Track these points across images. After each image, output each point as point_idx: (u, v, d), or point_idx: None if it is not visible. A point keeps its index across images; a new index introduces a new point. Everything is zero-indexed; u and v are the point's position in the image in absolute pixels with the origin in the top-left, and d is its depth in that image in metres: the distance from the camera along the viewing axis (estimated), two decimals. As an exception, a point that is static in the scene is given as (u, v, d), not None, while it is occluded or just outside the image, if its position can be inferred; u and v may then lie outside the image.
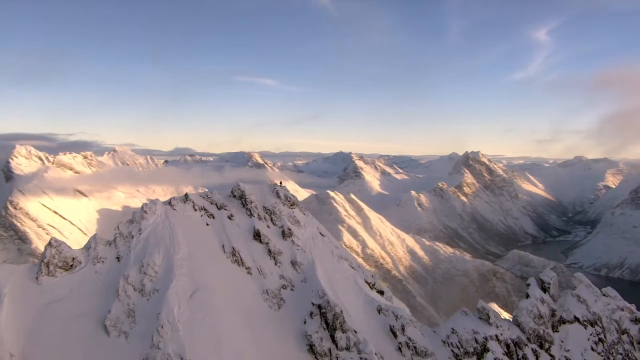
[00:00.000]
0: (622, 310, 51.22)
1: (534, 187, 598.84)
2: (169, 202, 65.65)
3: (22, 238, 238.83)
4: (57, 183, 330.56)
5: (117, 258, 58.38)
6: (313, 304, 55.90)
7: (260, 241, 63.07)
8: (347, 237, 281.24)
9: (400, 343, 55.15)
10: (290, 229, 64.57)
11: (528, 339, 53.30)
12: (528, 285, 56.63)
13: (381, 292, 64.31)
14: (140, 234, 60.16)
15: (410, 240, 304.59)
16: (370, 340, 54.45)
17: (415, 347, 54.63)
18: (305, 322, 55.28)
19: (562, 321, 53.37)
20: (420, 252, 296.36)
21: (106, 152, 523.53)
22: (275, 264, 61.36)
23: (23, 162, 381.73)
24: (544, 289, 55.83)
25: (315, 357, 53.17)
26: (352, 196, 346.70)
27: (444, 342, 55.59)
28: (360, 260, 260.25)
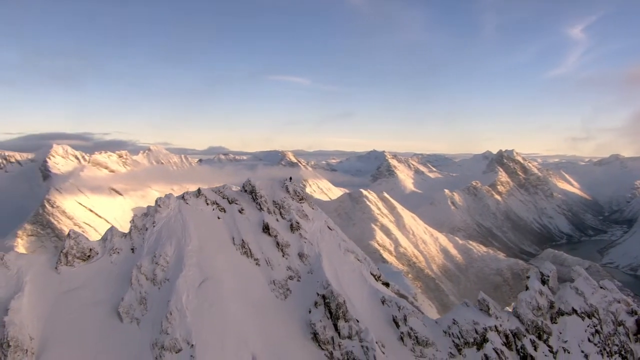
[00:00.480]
0: (619, 302, 51.55)
1: (569, 186, 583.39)
2: (182, 197, 68.12)
3: (58, 236, 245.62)
4: (93, 182, 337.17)
5: (132, 249, 61.06)
6: (318, 294, 57.59)
7: (269, 234, 65.04)
8: (380, 235, 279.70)
9: (402, 333, 56.46)
10: (298, 222, 66.35)
11: (527, 330, 54.04)
12: (528, 277, 57.35)
13: (387, 284, 65.67)
14: (154, 226, 62.72)
15: (443, 239, 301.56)
16: (373, 330, 55.90)
17: (416, 337, 55.86)
18: (310, 312, 57.02)
19: (561, 313, 53.92)
20: (454, 251, 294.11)
21: (141, 151, 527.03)
22: (283, 256, 63.23)
23: (60, 161, 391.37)
24: (544, 282, 56.47)
25: (319, 345, 54.88)
26: (385, 195, 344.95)
27: (445, 333, 56.67)
28: (393, 259, 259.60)
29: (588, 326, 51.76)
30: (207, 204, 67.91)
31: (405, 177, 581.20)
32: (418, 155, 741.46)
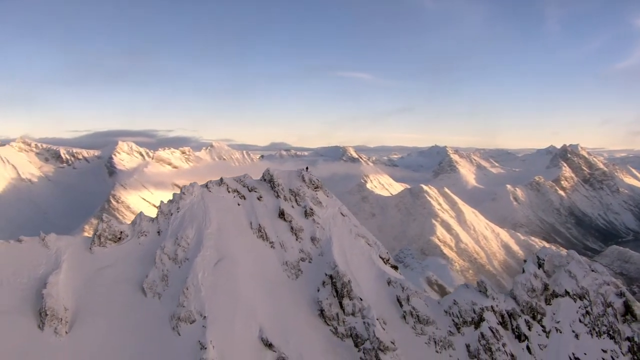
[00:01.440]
0: (608, 284, 52.77)
1: (636, 181, 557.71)
2: (206, 185, 72.82)
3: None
4: (157, 177, 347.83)
5: (158, 232, 66.12)
6: (326, 275, 61.06)
7: (285, 219, 68.91)
8: (440, 231, 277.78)
9: (405, 312, 59.30)
10: (312, 209, 69.88)
11: (522, 310, 55.91)
12: (525, 261, 59.22)
13: (395, 267, 68.53)
14: (178, 211, 67.63)
15: (504, 235, 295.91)
16: (378, 308, 58.99)
17: (418, 316, 58.60)
18: (318, 290, 60.57)
19: (555, 295, 55.53)
20: (515, 247, 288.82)
21: (204, 148, 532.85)
22: (296, 240, 66.97)
23: (125, 157, 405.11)
24: (540, 265, 58.24)
25: (325, 320, 58.47)
26: (446, 190, 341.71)
27: (446, 312, 59.14)
28: (453, 255, 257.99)
29: (579, 307, 53.27)
30: (229, 191, 72.37)
31: (467, 172, 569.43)
32: (480, 150, 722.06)
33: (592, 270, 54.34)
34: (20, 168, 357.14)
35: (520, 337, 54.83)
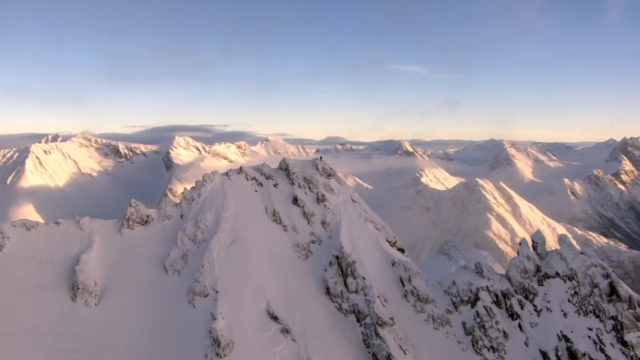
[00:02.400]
0: (596, 266, 54.14)
1: None
2: (227, 174, 77.25)
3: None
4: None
5: (181, 216, 70.94)
6: (333, 255, 64.56)
7: (298, 205, 72.59)
8: (495, 225, 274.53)
9: (406, 291, 62.18)
10: (323, 195, 73.30)
11: (515, 290, 57.91)
12: (520, 244, 61.22)
13: (402, 250, 71.37)
14: (199, 197, 72.27)
15: (561, 229, 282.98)
16: (381, 287, 62.12)
17: (418, 295, 61.42)
18: (325, 270, 64.19)
19: (547, 276, 57.29)
20: (572, 242, 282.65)
21: (259, 142, 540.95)
22: (308, 223, 70.59)
23: (182, 152, 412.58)
24: (534, 248, 60.18)
25: (330, 298, 62.02)
26: (502, 184, 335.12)
27: (445, 292, 61.71)
28: (509, 250, 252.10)
29: (569, 288, 54.95)
30: (247, 179, 76.56)
31: (524, 166, 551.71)
32: (538, 143, 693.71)
33: (582, 253, 56.01)
34: (80, 163, 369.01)
35: (513, 315, 57.02)
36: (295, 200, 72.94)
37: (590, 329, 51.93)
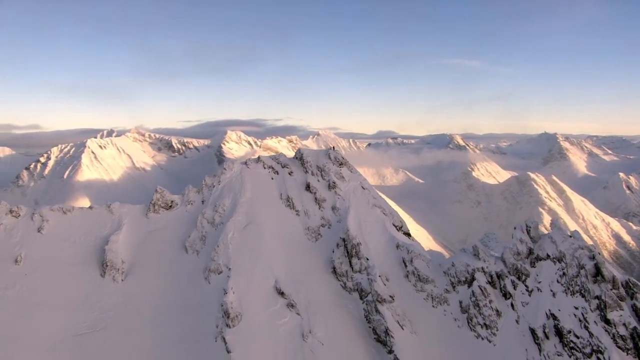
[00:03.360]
0: (582, 249, 55.67)
1: None
2: (245, 162, 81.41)
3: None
4: None
5: (202, 201, 75.49)
6: (340, 238, 67.96)
7: (310, 191, 76.04)
8: (547, 219, 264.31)
9: (408, 271, 64.97)
10: (335, 182, 76.55)
11: (509, 272, 59.94)
12: (515, 228, 63.19)
13: (408, 234, 74.06)
14: (219, 184, 76.64)
15: (615, 225, 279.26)
16: (385, 268, 65.01)
17: (419, 275, 64.15)
18: (333, 252, 67.65)
19: (538, 258, 59.10)
20: (627, 237, 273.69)
21: (310, 136, 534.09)
22: (319, 208, 74.03)
23: (234, 146, 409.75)
24: (528, 232, 62.04)
25: (336, 277, 65.40)
26: (554, 178, 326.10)
27: (444, 273, 64.16)
28: None
29: (558, 269, 56.69)
30: (264, 168, 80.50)
31: (578, 160, 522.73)
32: (593, 137, 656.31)
33: (570, 236, 57.72)
34: (134, 157, 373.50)
35: (506, 295, 59.19)
36: (308, 187, 76.47)
37: (576, 308, 53.75)
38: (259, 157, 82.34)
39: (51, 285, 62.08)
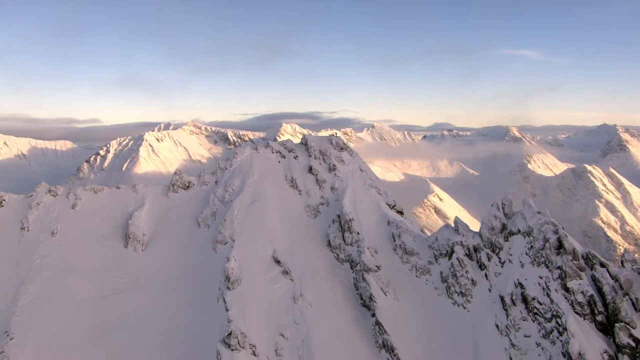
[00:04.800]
0: (548, 224, 58.75)
1: None
2: (256, 148, 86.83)
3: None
4: None
5: (216, 182, 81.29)
6: (336, 214, 72.74)
7: (312, 173, 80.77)
8: (604, 212, 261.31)
9: (396, 245, 69.29)
10: (335, 165, 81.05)
11: (484, 245, 63.49)
12: (491, 206, 66.49)
13: (401, 212, 78.20)
14: (231, 167, 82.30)
15: None
16: (375, 242, 69.28)
17: (405, 248, 68.27)
18: (329, 227, 72.50)
19: (511, 233, 62.54)
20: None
21: (365, 128, 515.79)
22: (320, 189, 78.76)
23: (288, 138, 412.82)
24: (503, 209, 65.31)
25: (330, 249, 70.20)
26: (612, 170, 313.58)
27: (429, 247, 68.02)
28: (617, 238, 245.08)
29: (527, 242, 59.88)
30: (273, 152, 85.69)
31: (639, 152, 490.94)
32: None
33: (538, 212, 60.81)
34: (191, 150, 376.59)
35: (481, 266, 62.76)
36: (310, 170, 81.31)
37: (541, 277, 56.95)
38: (268, 143, 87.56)
39: (81, 254, 68.90)
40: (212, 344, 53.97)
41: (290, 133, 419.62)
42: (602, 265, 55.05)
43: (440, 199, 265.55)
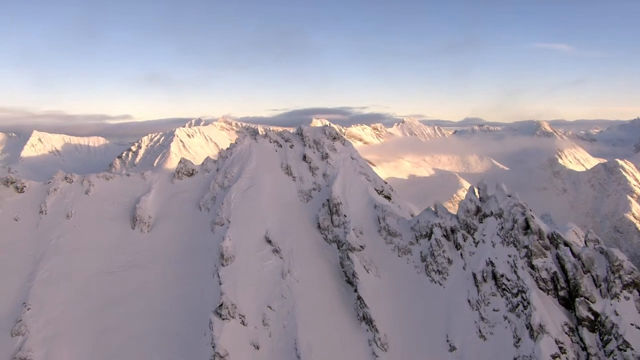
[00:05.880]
0: (517, 206, 61.04)
1: None
2: (255, 138, 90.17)
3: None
4: None
5: (217, 169, 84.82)
6: (326, 199, 75.81)
7: (306, 161, 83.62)
8: (636, 207, 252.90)
9: (380, 227, 72.15)
10: (327, 153, 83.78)
11: (461, 227, 66.11)
12: (468, 190, 68.93)
13: (388, 197, 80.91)
14: (231, 155, 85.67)
15: None
16: (361, 224, 71.81)
17: (389, 230, 70.97)
18: (319, 210, 75.62)
19: (485, 215, 65.04)
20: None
21: (395, 124, 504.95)
22: (312, 175, 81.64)
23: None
24: (479, 192, 67.75)
25: (320, 231, 73.23)
26: None
27: (411, 229, 70.80)
28: None
29: (498, 224, 62.38)
30: (270, 142, 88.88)
31: None
32: None
33: (509, 196, 63.16)
34: (221, 145, 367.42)
35: (457, 246, 65.16)
36: (304, 158, 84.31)
37: (510, 256, 59.22)
38: (266, 133, 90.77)
39: (93, 235, 72.95)
40: (206, 313, 57.55)
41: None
42: (566, 244, 57.41)
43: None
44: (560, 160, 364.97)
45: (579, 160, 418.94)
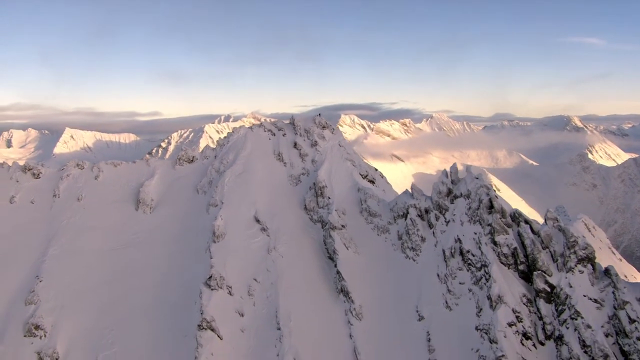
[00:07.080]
0: (483, 187, 63.29)
1: None
2: (250, 127, 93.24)
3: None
4: (375, 148, 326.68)
5: (215, 156, 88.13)
6: (313, 182, 78.78)
7: (297, 148, 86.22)
8: None
9: (362, 208, 74.84)
10: (316, 141, 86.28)
11: (434, 207, 68.57)
12: (442, 173, 71.39)
13: (372, 182, 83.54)
14: (228, 143, 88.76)
15: None
16: (344, 205, 74.53)
17: (369, 211, 73.48)
18: (307, 193, 78.65)
19: (455, 196, 67.38)
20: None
21: (424, 119, 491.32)
22: (302, 161, 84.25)
23: (347, 129, 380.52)
24: (451, 175, 70.07)
25: (306, 211, 75.98)
26: None
27: (390, 210, 73.45)
28: None
29: (466, 204, 64.68)
30: (265, 131, 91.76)
31: None
32: None
33: (476, 178, 65.48)
34: None
35: (430, 225, 67.54)
36: (295, 145, 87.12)
37: (475, 233, 61.57)
38: (261, 123, 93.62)
39: (101, 216, 76.81)
40: (198, 285, 61.12)
41: (349, 124, 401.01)
42: (527, 222, 59.70)
43: (498, 189, 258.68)
44: (590, 155, 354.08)
45: (609, 155, 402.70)
